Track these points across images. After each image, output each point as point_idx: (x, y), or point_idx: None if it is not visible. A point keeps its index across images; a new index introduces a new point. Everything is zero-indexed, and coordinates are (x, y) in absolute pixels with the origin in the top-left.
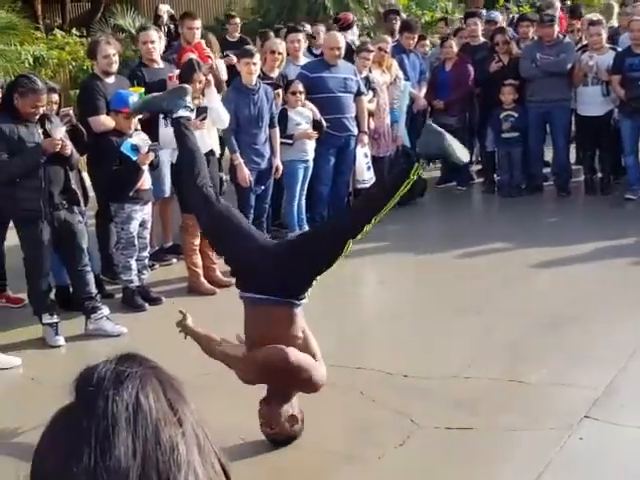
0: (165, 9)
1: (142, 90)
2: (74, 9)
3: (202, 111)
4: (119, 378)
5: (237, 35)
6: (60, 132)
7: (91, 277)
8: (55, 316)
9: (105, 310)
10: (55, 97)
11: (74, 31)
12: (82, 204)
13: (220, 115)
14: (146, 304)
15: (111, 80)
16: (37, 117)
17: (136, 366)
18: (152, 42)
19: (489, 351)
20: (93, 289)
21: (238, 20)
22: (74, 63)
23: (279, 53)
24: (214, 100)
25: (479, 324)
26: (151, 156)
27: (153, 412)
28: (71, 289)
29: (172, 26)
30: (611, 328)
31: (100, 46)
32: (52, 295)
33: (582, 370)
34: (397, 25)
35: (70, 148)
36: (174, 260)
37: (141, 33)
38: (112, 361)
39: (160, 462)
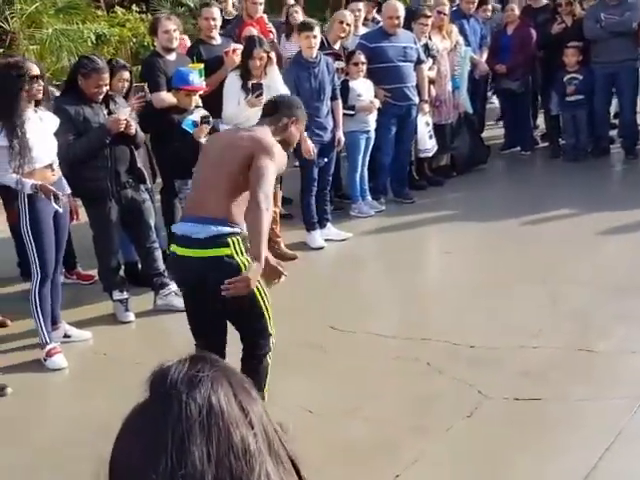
0: None
1: (202, 66)
2: None
3: (257, 88)
4: (192, 382)
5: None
6: (124, 112)
7: (159, 254)
8: (125, 292)
9: (173, 286)
10: (126, 75)
11: (134, 7)
12: (149, 182)
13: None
14: None
15: (172, 57)
16: (101, 97)
17: (207, 368)
18: (214, 19)
19: (556, 320)
20: (161, 265)
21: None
22: (135, 40)
23: (347, 24)
24: (276, 78)
25: (545, 293)
26: (205, 129)
27: (225, 415)
28: (140, 265)
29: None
30: None
31: (160, 22)
32: (121, 272)
33: None
34: None
35: (135, 127)
36: None
37: (204, 9)
38: (184, 362)
39: (233, 465)
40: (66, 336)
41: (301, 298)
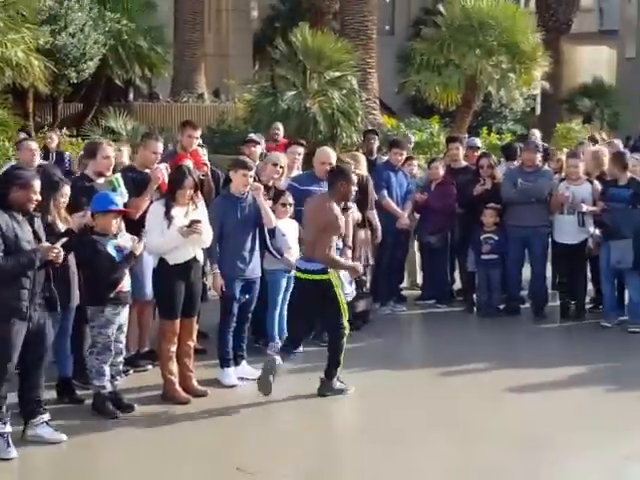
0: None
1: (117, 176)
2: (66, 109)
3: (196, 222)
4: None
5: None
6: (61, 241)
7: (42, 382)
8: (7, 425)
9: (45, 416)
10: (67, 190)
11: (65, 131)
12: (58, 308)
13: (207, 231)
14: (118, 411)
15: (101, 181)
16: (30, 209)
17: None
18: (156, 153)
19: (465, 474)
20: (42, 394)
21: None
22: None
23: (281, 167)
24: (202, 210)
25: (456, 443)
26: (141, 246)
27: None
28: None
29: None
30: (587, 455)
31: (102, 147)
32: (6, 402)
33: None
34: (375, 145)
35: (62, 257)
36: (149, 366)
37: (150, 141)
38: None
39: None
40: None
41: (208, 437)
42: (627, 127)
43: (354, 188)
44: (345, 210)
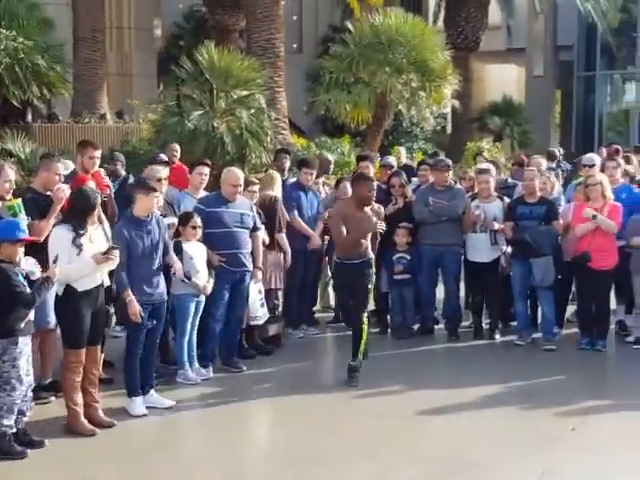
0: None
1: (18, 201)
2: None
3: (113, 249)
4: None
5: None
6: None
7: None
8: None
9: None
10: None
11: None
12: None
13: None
14: (27, 449)
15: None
16: None
17: None
18: (58, 174)
19: None
20: None
21: None
22: None
23: (165, 179)
24: (109, 236)
25: (374, 469)
26: (57, 271)
27: None
28: None
29: None
30: (504, 474)
31: (4, 170)
32: None
33: None
34: (287, 164)
35: None
36: (52, 398)
37: (52, 163)
38: None
39: None
40: None
41: (116, 470)
42: (537, 145)
43: (372, 193)
44: (255, 230)
